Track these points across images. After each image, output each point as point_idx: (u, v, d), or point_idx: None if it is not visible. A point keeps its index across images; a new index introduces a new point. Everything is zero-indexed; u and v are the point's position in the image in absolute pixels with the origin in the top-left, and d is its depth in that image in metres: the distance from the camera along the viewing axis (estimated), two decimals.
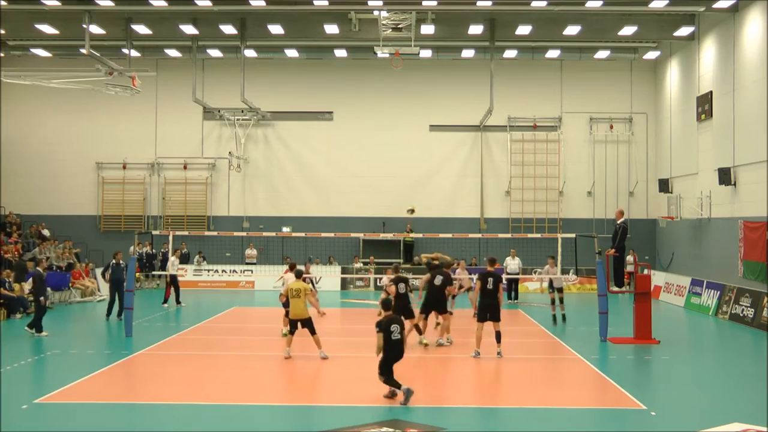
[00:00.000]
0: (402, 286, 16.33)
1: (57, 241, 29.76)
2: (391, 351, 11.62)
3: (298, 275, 15.20)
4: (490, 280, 15.41)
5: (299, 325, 14.79)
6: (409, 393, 11.40)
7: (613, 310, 20.53)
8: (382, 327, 11.62)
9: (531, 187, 33.51)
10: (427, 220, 32.68)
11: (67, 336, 18.76)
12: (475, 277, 17.75)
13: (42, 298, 18.39)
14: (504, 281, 19.22)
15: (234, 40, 29.84)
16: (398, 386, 11.55)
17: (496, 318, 15.39)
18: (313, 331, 14.91)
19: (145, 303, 24.75)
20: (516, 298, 26.70)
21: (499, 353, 15.38)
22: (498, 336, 15.47)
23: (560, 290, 20.84)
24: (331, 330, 18.83)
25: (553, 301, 21.19)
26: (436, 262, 17.22)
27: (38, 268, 19.20)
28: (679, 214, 29.00)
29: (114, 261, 21.54)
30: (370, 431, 10.14)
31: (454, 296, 22.62)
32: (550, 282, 21.39)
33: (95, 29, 27.57)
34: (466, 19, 27.82)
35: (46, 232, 31.15)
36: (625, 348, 17.04)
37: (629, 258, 24.00)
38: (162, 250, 28.61)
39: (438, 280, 16.49)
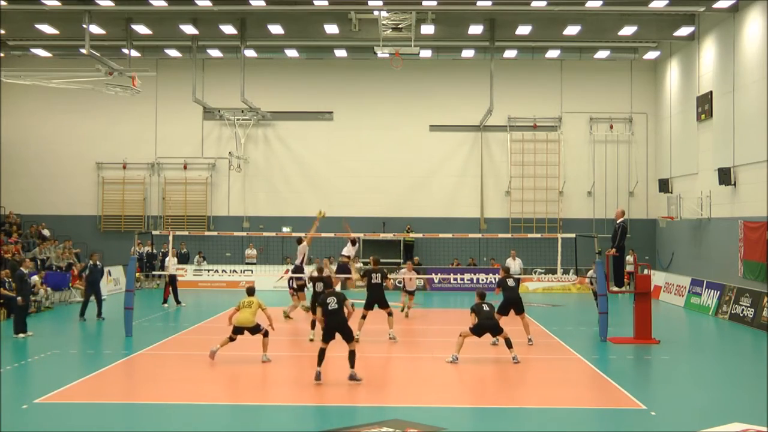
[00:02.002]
0: (320, 285, 17.37)
1: (57, 241, 29.73)
2: (329, 319, 13.18)
3: (250, 293, 15.40)
4: (485, 305, 15.14)
5: (245, 332, 14.95)
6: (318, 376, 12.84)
7: (613, 310, 20.54)
8: (320, 301, 13.50)
9: (531, 187, 33.50)
10: (427, 220, 32.69)
11: (67, 336, 18.76)
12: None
13: (19, 298, 18.11)
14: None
15: (234, 40, 29.84)
16: (318, 363, 13.01)
17: (498, 332, 15.12)
18: (265, 334, 15.06)
19: (145, 303, 24.75)
20: None
21: (514, 358, 14.87)
22: (508, 342, 15.05)
23: None
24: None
25: None
26: (375, 267, 18.18)
27: (21, 268, 19.04)
28: (679, 214, 29.00)
29: (91, 262, 21.52)
30: (370, 431, 10.14)
31: (410, 297, 22.56)
32: None
33: (95, 29, 27.58)
34: (466, 19, 27.83)
35: (46, 232, 31.12)
36: (625, 348, 17.05)
37: (629, 258, 23.99)
38: (162, 250, 28.63)
39: (376, 278, 17.72)
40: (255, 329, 15.01)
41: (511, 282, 17.48)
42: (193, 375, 13.90)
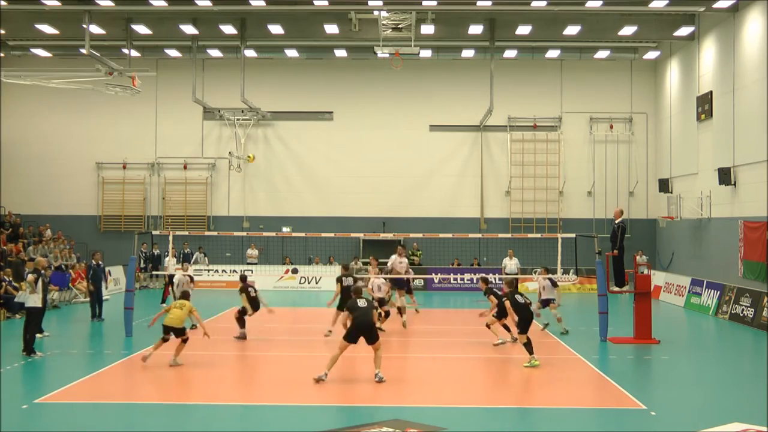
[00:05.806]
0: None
1: (55, 241, 29.67)
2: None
3: (185, 296, 15.50)
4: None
5: (172, 333, 14.83)
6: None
7: (613, 310, 20.55)
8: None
9: (531, 187, 33.50)
10: (427, 220, 32.68)
11: (67, 336, 18.75)
12: None
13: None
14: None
15: (234, 40, 29.84)
16: None
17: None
18: (184, 340, 14.89)
19: (145, 303, 24.74)
20: None
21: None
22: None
23: None
24: (334, 330, 18.79)
25: None
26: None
27: (42, 270, 18.92)
28: (679, 214, 29.00)
29: (93, 262, 21.58)
30: (370, 431, 10.14)
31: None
32: None
33: (95, 29, 27.56)
34: (466, 19, 27.82)
35: (48, 233, 31.05)
36: (625, 348, 17.05)
37: (640, 259, 23.86)
38: (166, 252, 28.58)
39: (347, 281, 18.34)
40: (180, 331, 14.77)
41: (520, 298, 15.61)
42: (194, 375, 13.91)
